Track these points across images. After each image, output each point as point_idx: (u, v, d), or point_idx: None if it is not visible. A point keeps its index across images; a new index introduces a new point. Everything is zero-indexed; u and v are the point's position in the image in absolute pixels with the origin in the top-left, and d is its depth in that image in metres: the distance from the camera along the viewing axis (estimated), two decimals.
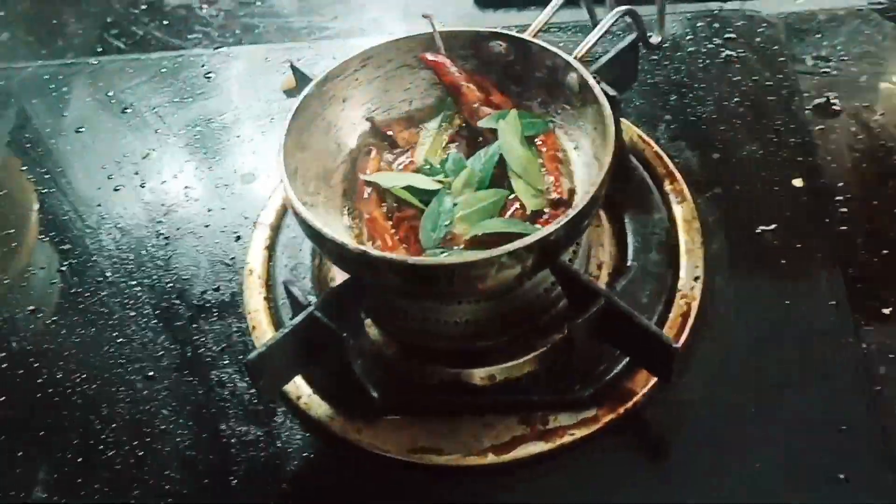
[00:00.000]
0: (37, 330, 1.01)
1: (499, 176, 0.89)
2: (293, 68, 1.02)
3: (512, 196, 0.87)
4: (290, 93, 1.19)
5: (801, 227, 0.97)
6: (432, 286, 0.78)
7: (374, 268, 0.77)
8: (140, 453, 0.90)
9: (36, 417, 0.94)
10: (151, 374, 0.96)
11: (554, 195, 0.87)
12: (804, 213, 0.98)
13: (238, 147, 1.16)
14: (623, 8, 0.93)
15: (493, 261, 0.74)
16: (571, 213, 0.76)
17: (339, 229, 0.89)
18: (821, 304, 0.91)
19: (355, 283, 0.84)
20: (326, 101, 0.94)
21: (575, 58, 0.90)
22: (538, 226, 0.84)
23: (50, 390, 0.96)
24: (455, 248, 0.85)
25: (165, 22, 1.41)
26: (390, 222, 0.89)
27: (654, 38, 1.01)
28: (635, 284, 0.92)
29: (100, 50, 1.37)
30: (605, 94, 0.88)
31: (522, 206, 0.86)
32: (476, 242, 0.84)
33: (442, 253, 0.84)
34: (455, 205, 0.86)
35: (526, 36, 0.94)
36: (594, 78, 0.87)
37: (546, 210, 0.86)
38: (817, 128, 1.06)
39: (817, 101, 1.09)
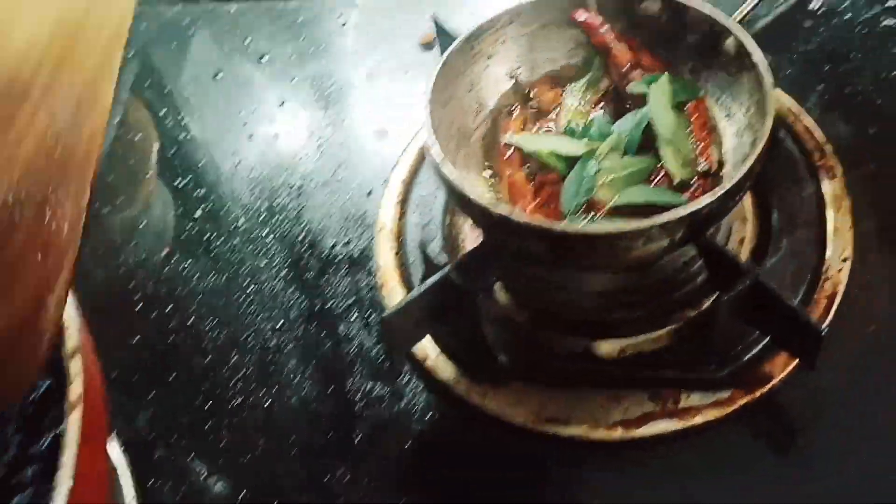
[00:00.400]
0: (170, 274, 1.04)
1: (646, 143, 0.86)
2: (435, 23, 1.00)
3: (659, 164, 0.84)
4: (428, 46, 1.17)
5: None
6: (575, 255, 0.76)
7: (516, 232, 0.76)
8: (266, 402, 0.92)
9: (167, 361, 0.97)
10: (281, 324, 0.97)
11: (703, 165, 0.83)
12: None
13: (373, 100, 1.15)
14: None
15: (643, 232, 0.72)
16: (727, 184, 0.72)
17: (479, 190, 0.88)
18: None
19: (490, 248, 0.83)
20: (471, 58, 0.92)
21: (734, 21, 0.86)
22: (685, 197, 0.81)
23: (182, 334, 0.98)
24: (596, 215, 0.82)
25: None
26: (531, 185, 0.87)
27: (814, 3, 0.95)
28: (781, 262, 0.89)
29: None
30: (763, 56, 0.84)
31: (668, 176, 0.83)
32: (618, 211, 0.82)
33: (583, 220, 0.82)
34: (599, 170, 0.84)
35: None
36: (755, 44, 0.83)
37: (693, 181, 0.83)
38: None
39: None
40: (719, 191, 0.72)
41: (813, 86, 1.03)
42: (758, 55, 0.81)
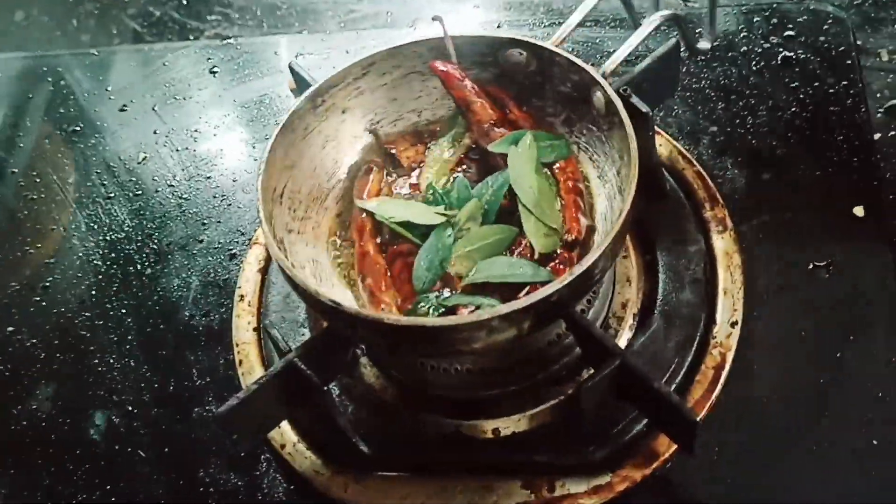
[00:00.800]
0: (15, 354, 0.95)
1: (510, 208, 0.78)
2: (292, 70, 0.92)
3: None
4: (297, 93, 1.09)
5: (861, 265, 0.84)
6: (414, 346, 0.68)
7: (347, 322, 0.68)
8: (112, 500, 0.83)
9: (5, 452, 0.89)
10: (131, 409, 0.88)
11: (569, 236, 0.75)
12: (865, 249, 0.85)
13: (238, 153, 1.07)
14: (665, 13, 0.81)
15: (483, 324, 0.64)
16: (577, 269, 0.64)
17: (323, 265, 0.80)
18: (876, 362, 0.79)
19: (336, 332, 0.75)
20: (322, 113, 0.84)
21: (605, 73, 0.78)
22: (546, 270, 0.73)
23: (24, 423, 0.90)
24: (452, 292, 0.75)
25: (184, 1, 1.32)
26: (383, 256, 0.79)
27: (703, 44, 0.89)
28: (665, 329, 0.82)
29: (115, 31, 1.30)
30: (637, 109, 0.77)
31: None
32: (479, 286, 0.74)
33: (436, 297, 0.74)
34: (456, 241, 0.76)
35: (550, 44, 0.81)
36: (622, 98, 0.75)
37: (557, 252, 0.75)
38: (890, 134, 0.92)
39: (891, 102, 0.95)
40: (566, 278, 0.64)
41: (705, 128, 0.96)
42: (624, 114, 0.73)
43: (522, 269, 0.73)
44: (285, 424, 0.83)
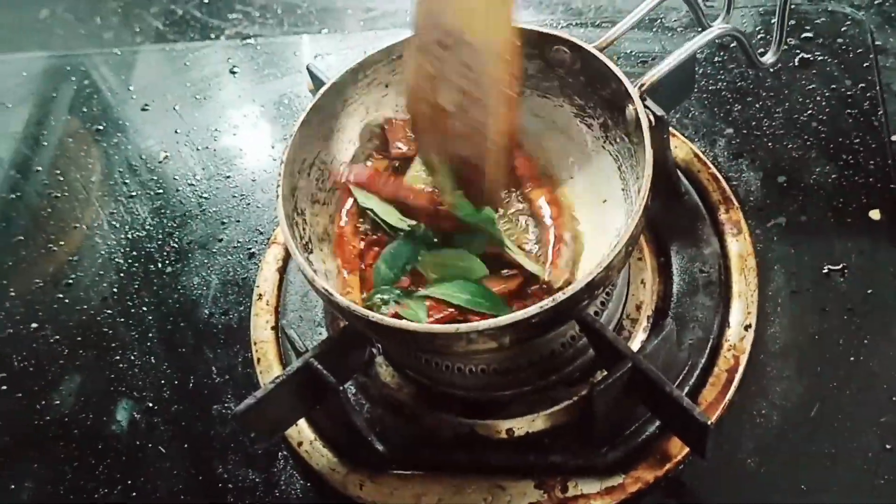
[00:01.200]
0: (38, 349, 0.97)
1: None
2: (310, 72, 0.93)
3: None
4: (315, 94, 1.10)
5: (876, 269, 0.84)
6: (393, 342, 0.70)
7: (337, 309, 0.70)
8: (132, 494, 0.85)
9: (27, 446, 0.91)
10: (151, 404, 0.90)
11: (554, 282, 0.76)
12: (881, 252, 0.85)
13: (257, 153, 1.08)
14: (725, 27, 0.81)
15: (462, 335, 0.66)
16: (558, 296, 0.65)
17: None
18: (891, 366, 0.79)
19: (352, 332, 0.76)
20: (364, 87, 0.85)
21: (643, 84, 0.78)
22: (508, 309, 0.73)
23: (48, 418, 0.91)
24: (416, 291, 0.77)
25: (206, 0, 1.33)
26: (361, 239, 0.81)
27: (769, 57, 0.87)
28: (679, 331, 0.82)
29: (137, 29, 1.31)
30: (653, 113, 0.77)
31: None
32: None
33: (393, 295, 0.77)
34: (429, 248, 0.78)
35: (593, 47, 0.80)
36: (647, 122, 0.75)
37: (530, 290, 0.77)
38: None
39: None
40: (548, 303, 0.65)
41: (721, 130, 0.96)
42: (647, 133, 0.72)
43: (482, 300, 0.74)
44: (302, 422, 0.84)
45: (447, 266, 0.77)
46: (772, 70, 0.98)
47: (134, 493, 0.85)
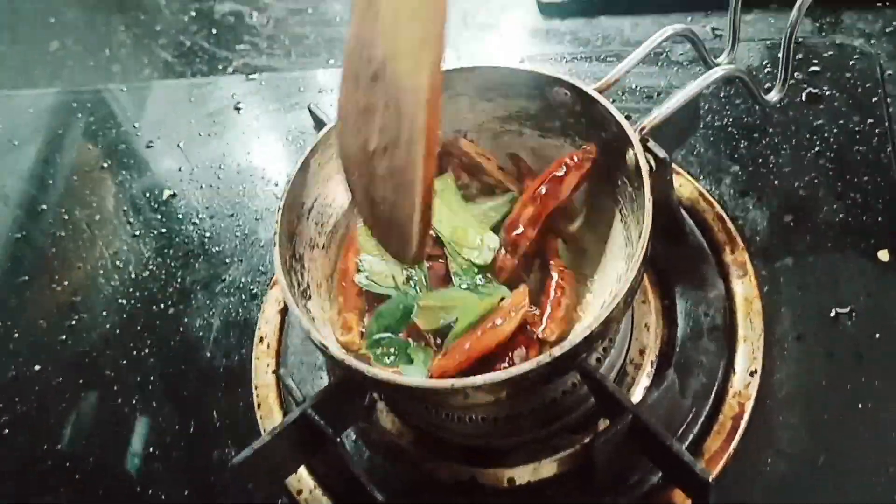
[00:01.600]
0: (40, 392, 0.97)
1: None
2: (311, 113, 0.92)
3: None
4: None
5: (885, 312, 0.82)
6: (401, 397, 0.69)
7: (333, 361, 0.70)
8: None
9: (33, 488, 0.90)
10: (152, 449, 0.89)
11: (549, 336, 0.76)
12: (890, 294, 0.83)
13: (260, 191, 1.07)
14: (728, 68, 0.79)
15: (456, 390, 0.65)
16: (549, 354, 0.64)
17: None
18: None
19: (349, 381, 0.75)
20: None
21: (643, 128, 0.76)
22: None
23: (50, 462, 0.91)
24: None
25: (214, 31, 1.33)
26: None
27: (773, 95, 0.86)
28: (683, 377, 0.81)
29: (146, 62, 1.31)
30: (655, 156, 0.76)
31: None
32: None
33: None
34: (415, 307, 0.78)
35: (593, 89, 0.78)
36: (649, 164, 0.74)
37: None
38: None
39: None
40: (544, 358, 0.64)
41: (727, 167, 0.94)
42: (646, 180, 0.71)
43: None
44: (303, 470, 0.83)
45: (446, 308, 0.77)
46: (779, 105, 0.96)
47: None
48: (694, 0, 1.11)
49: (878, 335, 0.81)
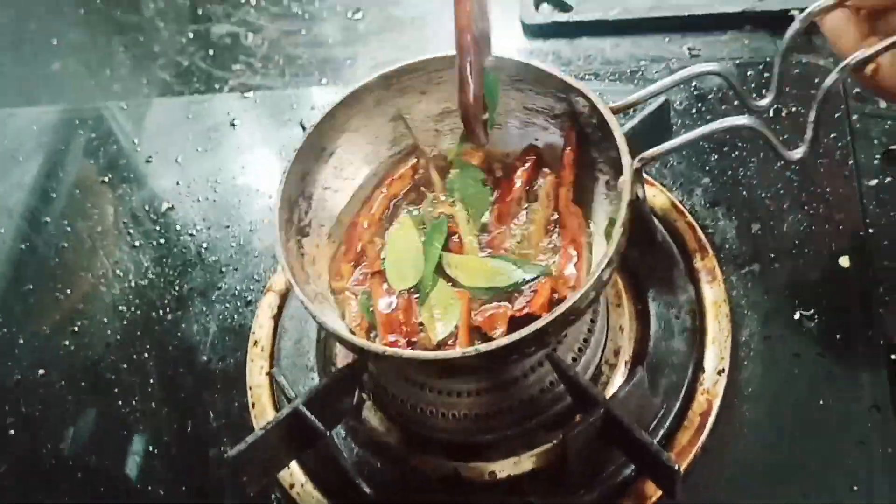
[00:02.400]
0: (42, 397, 1.01)
1: None
2: (303, 128, 0.97)
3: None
4: None
5: (845, 316, 0.87)
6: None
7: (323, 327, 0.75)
8: None
9: (37, 488, 0.94)
10: (152, 448, 0.94)
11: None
12: (849, 299, 0.88)
13: (255, 203, 1.12)
14: (749, 120, 0.78)
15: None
16: (506, 339, 0.69)
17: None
18: (860, 409, 0.81)
19: (345, 375, 0.80)
20: (398, 92, 0.89)
21: (643, 159, 0.77)
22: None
23: (53, 462, 0.96)
24: None
25: (210, 52, 1.37)
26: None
27: (797, 152, 0.81)
28: (655, 376, 0.85)
29: (145, 81, 1.36)
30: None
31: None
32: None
33: None
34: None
35: (606, 107, 0.79)
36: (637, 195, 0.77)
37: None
38: (886, 180, 0.95)
39: (891, 146, 0.98)
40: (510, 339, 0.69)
41: (698, 179, 0.99)
42: (624, 202, 0.73)
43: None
44: (294, 465, 0.87)
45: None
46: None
47: None
48: (669, 22, 1.16)
49: (838, 336, 0.86)
